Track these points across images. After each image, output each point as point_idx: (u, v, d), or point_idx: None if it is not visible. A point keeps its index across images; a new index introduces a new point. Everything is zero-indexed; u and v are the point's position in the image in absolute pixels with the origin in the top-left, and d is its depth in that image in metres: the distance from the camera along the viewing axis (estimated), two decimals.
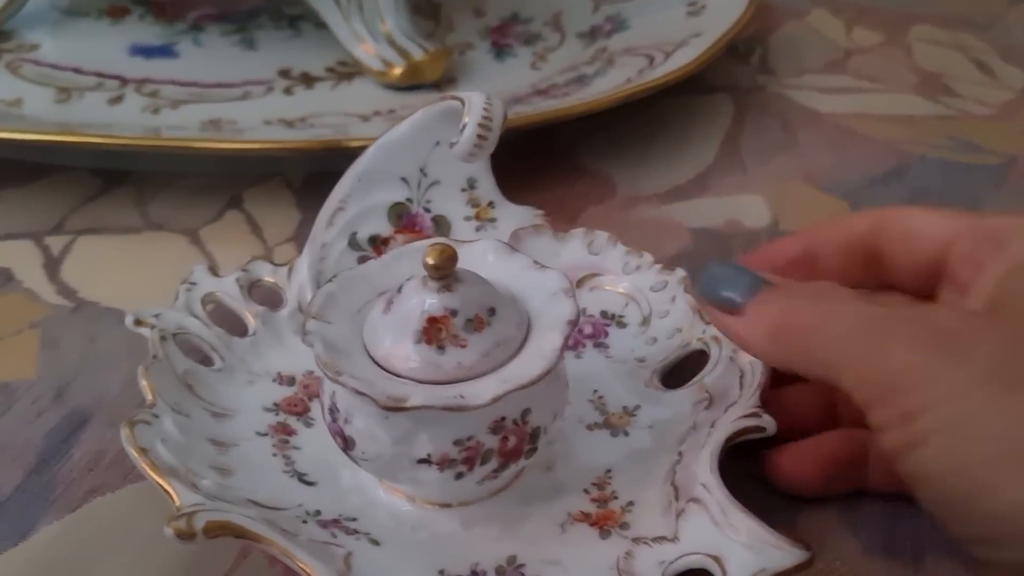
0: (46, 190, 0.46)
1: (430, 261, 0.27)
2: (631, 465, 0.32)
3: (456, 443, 0.28)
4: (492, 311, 0.28)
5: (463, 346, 0.28)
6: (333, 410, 0.29)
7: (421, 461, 0.28)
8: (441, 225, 0.37)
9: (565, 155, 0.49)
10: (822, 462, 0.31)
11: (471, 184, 0.37)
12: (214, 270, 0.36)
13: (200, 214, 0.45)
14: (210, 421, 0.32)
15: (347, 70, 0.54)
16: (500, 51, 0.56)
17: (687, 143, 0.50)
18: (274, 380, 0.34)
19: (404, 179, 0.37)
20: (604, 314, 0.37)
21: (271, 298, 0.37)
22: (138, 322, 0.34)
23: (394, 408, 0.26)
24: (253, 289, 0.37)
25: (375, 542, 0.29)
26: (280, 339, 0.35)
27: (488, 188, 0.37)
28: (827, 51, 0.59)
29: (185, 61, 0.54)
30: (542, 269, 0.30)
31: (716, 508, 0.28)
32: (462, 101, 0.34)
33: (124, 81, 0.52)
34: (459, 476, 0.28)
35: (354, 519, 0.30)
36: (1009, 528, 0.24)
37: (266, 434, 0.32)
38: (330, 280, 0.30)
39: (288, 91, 0.52)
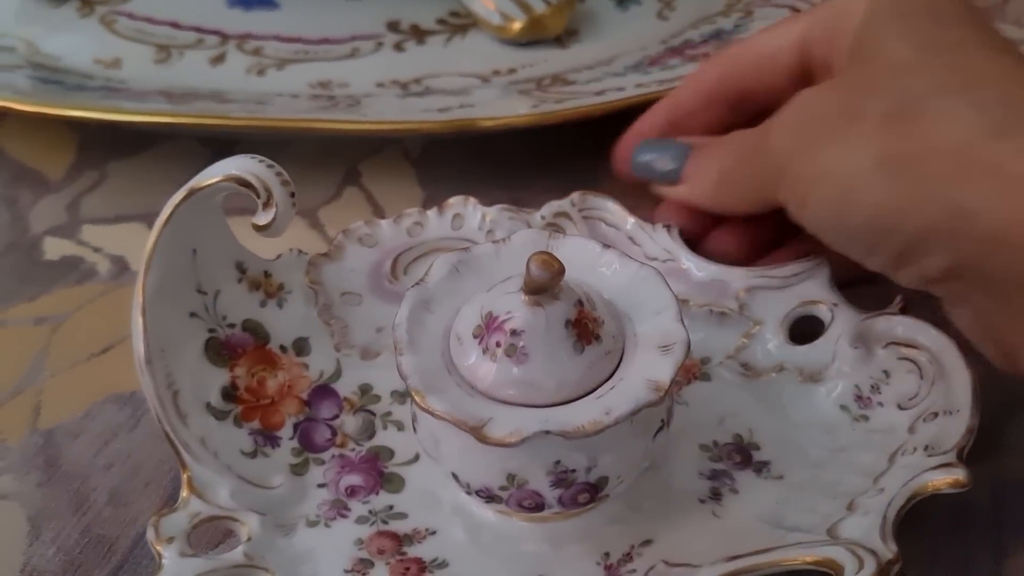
0: (152, 163, 0.44)
1: (532, 272, 0.25)
2: None
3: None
4: (591, 329, 0.26)
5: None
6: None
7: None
8: (258, 332, 0.32)
9: None
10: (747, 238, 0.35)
11: (240, 267, 0.32)
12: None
13: (317, 192, 0.42)
14: None
15: (460, 22, 0.50)
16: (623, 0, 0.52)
17: None
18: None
19: (193, 314, 0.31)
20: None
21: None
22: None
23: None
24: None
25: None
26: None
27: (252, 258, 0.32)
28: None
29: (286, 12, 0.51)
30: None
31: None
32: (244, 183, 0.29)
33: (225, 37, 0.49)
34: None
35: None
36: (881, 231, 0.27)
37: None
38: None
39: (399, 47, 0.49)
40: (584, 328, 0.26)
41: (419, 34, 0.50)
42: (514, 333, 0.25)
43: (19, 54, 0.47)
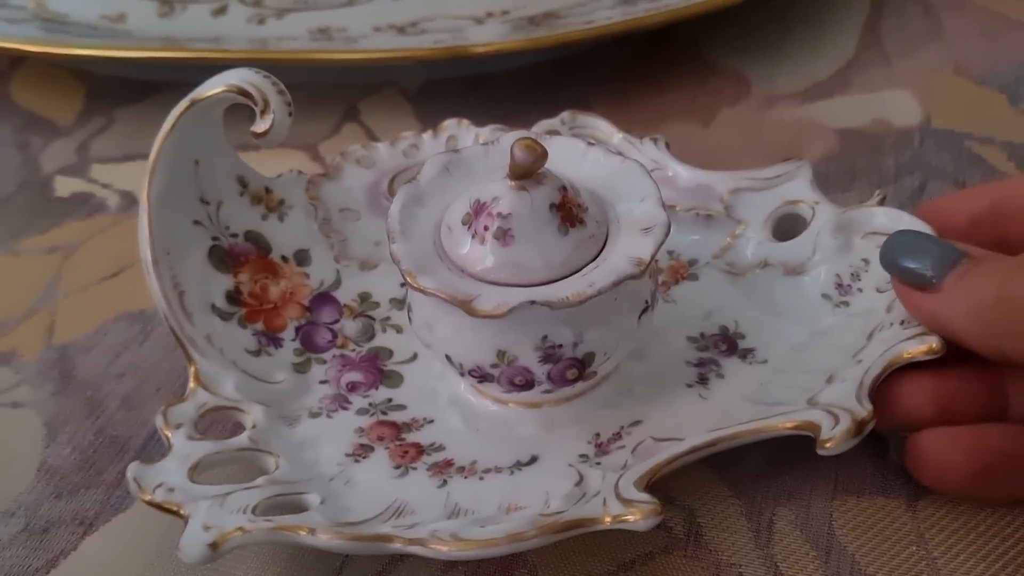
0: (158, 108, 0.44)
1: (516, 156, 0.26)
2: None
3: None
4: (575, 213, 0.27)
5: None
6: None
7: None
8: (259, 242, 0.33)
9: (692, 53, 0.46)
10: (977, 452, 0.27)
11: (242, 181, 0.33)
12: None
13: (317, 128, 0.43)
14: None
15: None
16: None
17: (823, 36, 0.47)
18: None
19: (197, 222, 0.32)
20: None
21: None
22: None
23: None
24: None
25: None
26: None
27: (253, 174, 0.33)
28: None
29: None
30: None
31: None
32: (247, 94, 0.30)
33: None
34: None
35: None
36: None
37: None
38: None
39: None
40: (568, 212, 0.27)
41: None
42: (501, 216, 0.27)
43: (28, 11, 0.48)
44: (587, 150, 0.29)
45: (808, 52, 0.46)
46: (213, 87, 0.31)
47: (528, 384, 0.28)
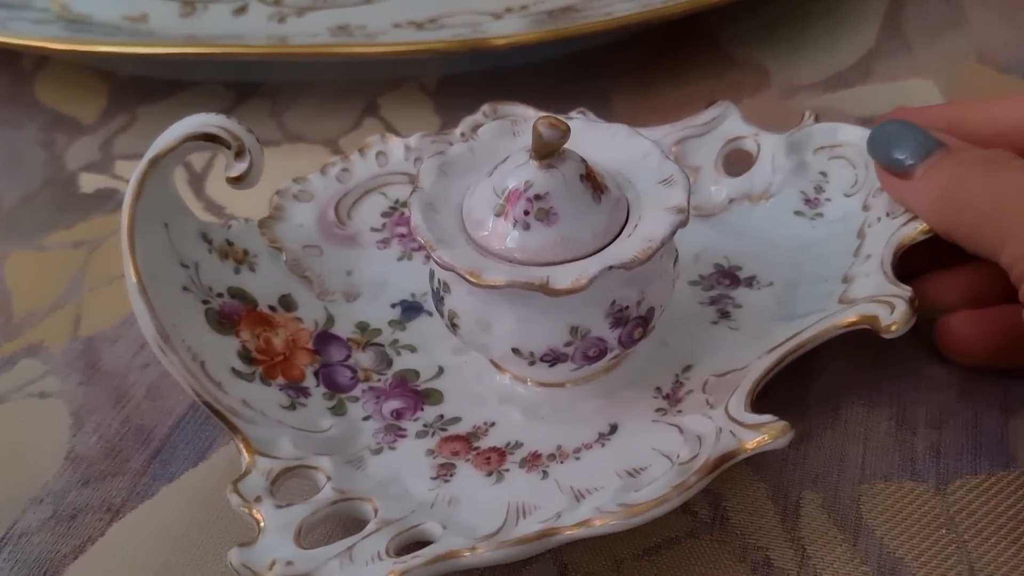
0: (180, 106, 0.45)
1: (544, 134, 0.26)
2: None
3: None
4: (600, 180, 0.27)
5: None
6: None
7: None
8: (244, 297, 0.31)
9: (710, 45, 0.46)
10: (999, 328, 0.30)
11: (206, 238, 0.31)
12: None
13: (337, 123, 0.44)
14: None
15: None
16: None
17: (843, 26, 0.47)
18: None
19: (185, 288, 0.30)
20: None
21: None
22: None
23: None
24: None
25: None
26: None
27: (212, 228, 0.31)
28: None
29: None
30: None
31: None
32: (216, 139, 0.28)
33: None
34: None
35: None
36: None
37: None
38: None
39: None
40: (595, 180, 0.27)
41: None
42: (539, 198, 0.27)
43: (52, 12, 0.49)
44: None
45: (828, 43, 0.46)
46: (172, 138, 0.28)
47: (601, 353, 0.28)
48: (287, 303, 0.32)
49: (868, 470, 0.29)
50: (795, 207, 0.34)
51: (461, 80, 0.45)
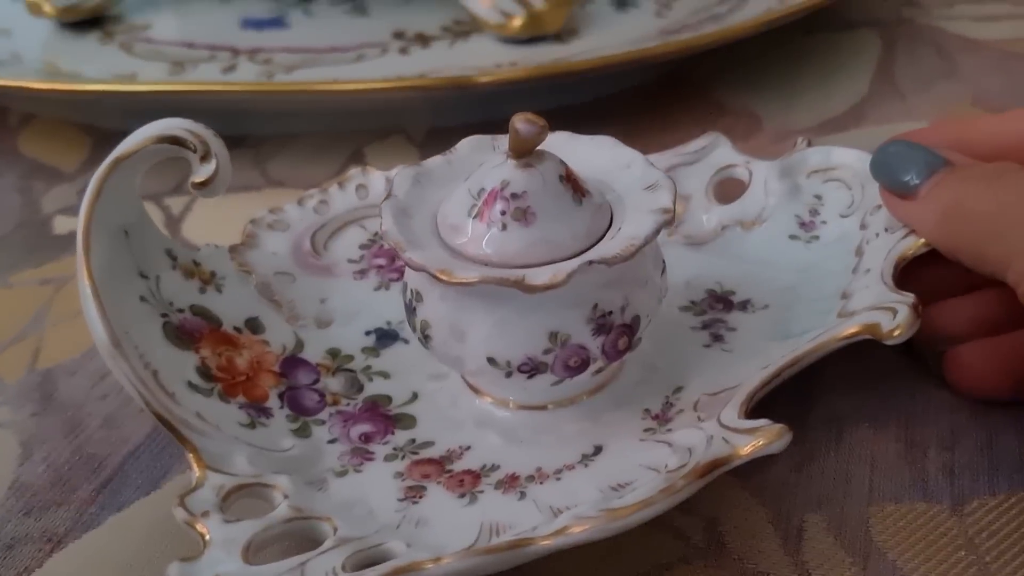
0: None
1: (521, 130, 0.25)
2: None
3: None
4: (581, 184, 0.26)
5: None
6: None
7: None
8: (207, 316, 0.30)
9: (702, 94, 0.46)
10: (1014, 359, 0.27)
11: (170, 254, 0.30)
12: None
13: (321, 170, 0.43)
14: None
15: (463, 28, 0.51)
16: (622, 1, 0.53)
17: (835, 77, 0.46)
18: None
19: (143, 298, 0.28)
20: None
21: None
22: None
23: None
24: None
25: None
26: None
27: (178, 247, 0.30)
28: None
29: (297, 31, 0.52)
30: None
31: None
32: (181, 142, 0.27)
33: (236, 52, 0.51)
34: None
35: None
36: None
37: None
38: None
39: (404, 51, 0.50)
40: (575, 182, 0.26)
41: (424, 40, 0.51)
42: (516, 196, 0.25)
43: (43, 71, 0.49)
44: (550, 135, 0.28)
45: (820, 93, 0.45)
46: (138, 140, 0.27)
47: (583, 364, 0.26)
48: (254, 326, 0.30)
49: (877, 492, 0.26)
50: (790, 231, 0.33)
51: (449, 132, 0.45)
